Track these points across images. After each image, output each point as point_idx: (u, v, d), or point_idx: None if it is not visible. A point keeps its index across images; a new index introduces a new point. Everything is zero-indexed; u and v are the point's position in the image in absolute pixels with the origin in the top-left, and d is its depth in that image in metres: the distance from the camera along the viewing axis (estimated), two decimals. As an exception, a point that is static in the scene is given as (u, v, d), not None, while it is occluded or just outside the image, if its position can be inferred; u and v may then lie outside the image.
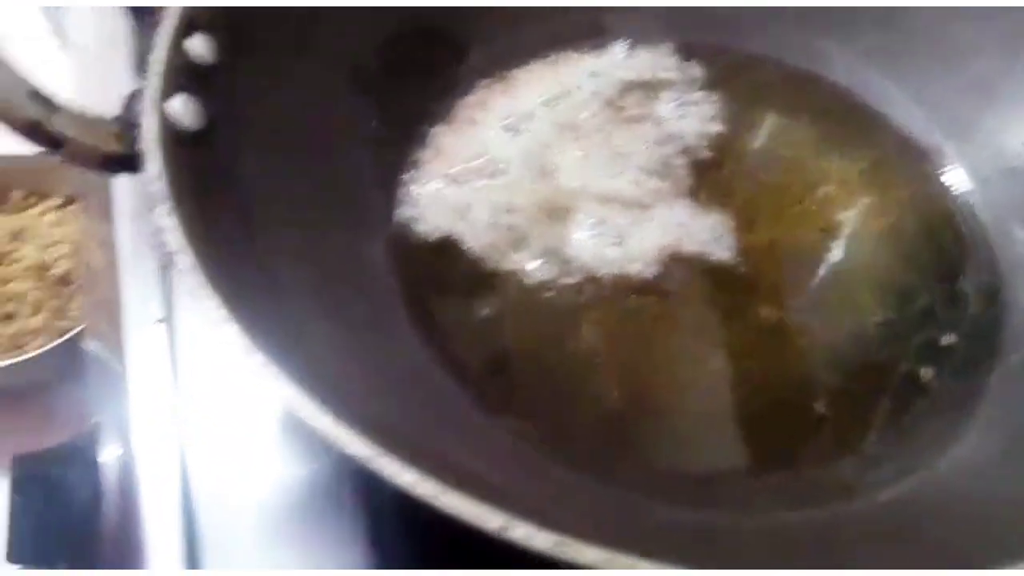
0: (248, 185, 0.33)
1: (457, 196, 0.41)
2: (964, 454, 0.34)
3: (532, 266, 0.40)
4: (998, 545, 0.23)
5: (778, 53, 0.46)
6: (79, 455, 0.44)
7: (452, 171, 0.42)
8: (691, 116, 0.44)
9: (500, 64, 0.45)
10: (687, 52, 0.46)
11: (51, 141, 0.29)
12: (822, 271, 0.40)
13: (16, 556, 0.43)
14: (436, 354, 0.36)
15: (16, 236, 0.70)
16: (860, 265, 0.40)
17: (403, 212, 0.40)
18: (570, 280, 0.39)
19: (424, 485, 0.24)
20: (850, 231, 0.41)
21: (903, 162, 0.43)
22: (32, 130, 0.29)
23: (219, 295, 0.27)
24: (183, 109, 0.31)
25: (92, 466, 0.42)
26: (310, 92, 0.37)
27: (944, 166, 0.43)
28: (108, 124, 0.31)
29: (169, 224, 0.28)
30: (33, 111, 0.29)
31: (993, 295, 0.39)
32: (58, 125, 0.29)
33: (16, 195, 0.74)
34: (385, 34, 0.41)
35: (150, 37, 0.32)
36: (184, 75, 0.32)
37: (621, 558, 0.23)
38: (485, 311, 0.39)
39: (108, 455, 0.42)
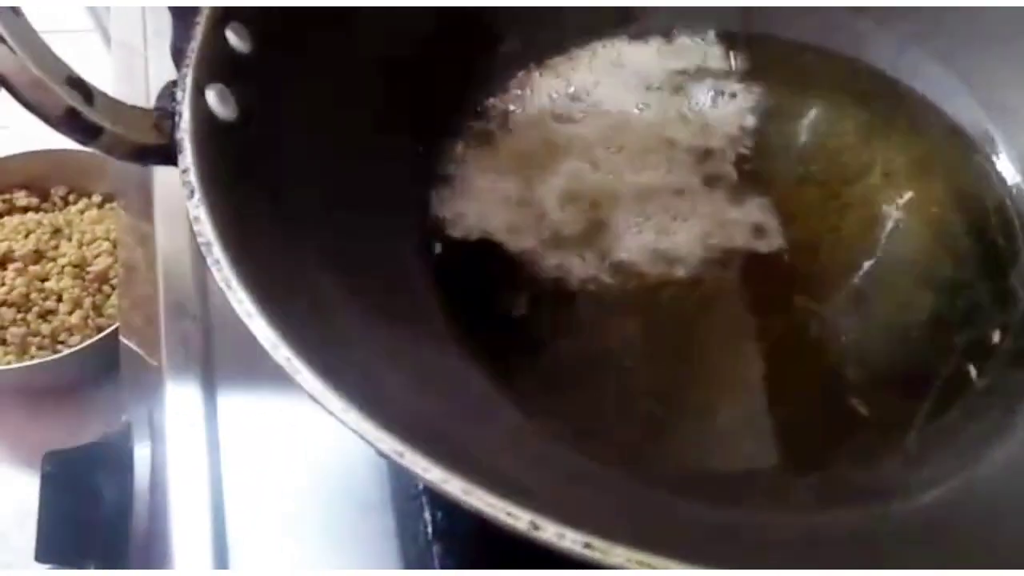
0: (282, 178, 0.33)
1: (495, 193, 0.41)
2: (1009, 454, 0.33)
3: (571, 264, 0.39)
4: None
5: (821, 40, 0.45)
6: (111, 454, 0.44)
7: (490, 167, 0.42)
8: (732, 106, 0.43)
9: (539, 54, 0.44)
10: (728, 40, 0.45)
11: (87, 130, 0.29)
12: (866, 265, 0.39)
13: (44, 555, 0.43)
14: (471, 352, 0.36)
15: (56, 233, 0.71)
16: (905, 259, 0.39)
17: (440, 209, 0.40)
18: (608, 277, 0.39)
19: (452, 483, 0.24)
20: (895, 224, 0.40)
21: (951, 152, 0.42)
22: (68, 118, 0.29)
23: (246, 288, 0.26)
24: (219, 100, 0.31)
25: (124, 465, 0.43)
26: (346, 85, 0.37)
27: (994, 156, 0.42)
28: (145, 114, 0.31)
29: (200, 215, 0.28)
30: (71, 98, 0.29)
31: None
32: (95, 114, 0.29)
33: (57, 192, 0.75)
34: (422, 26, 0.40)
35: (190, 32, 0.32)
36: (221, 65, 0.32)
37: (651, 559, 0.22)
38: (522, 309, 0.38)
39: (140, 454, 0.42)
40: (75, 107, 0.29)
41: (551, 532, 0.23)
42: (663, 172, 0.41)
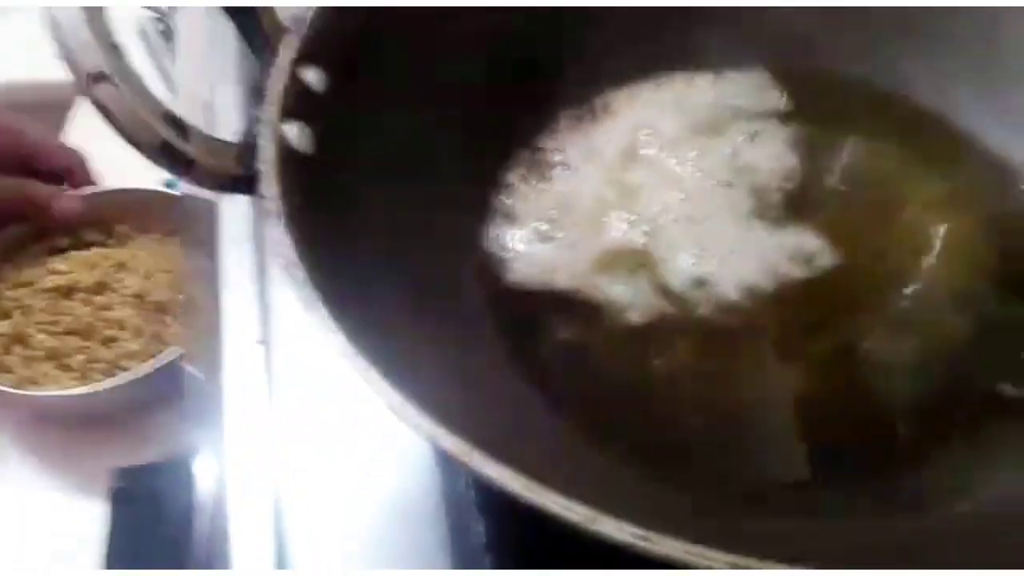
0: (352, 206, 0.36)
1: (540, 227, 0.43)
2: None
3: (619, 291, 0.41)
4: None
5: (865, 75, 0.46)
6: (175, 473, 0.46)
7: (535, 202, 0.44)
8: (777, 140, 0.45)
9: (594, 91, 0.46)
10: (775, 75, 0.47)
11: (181, 162, 0.32)
12: (906, 292, 0.40)
13: (111, 566, 0.45)
14: (526, 375, 0.38)
15: (121, 267, 0.74)
16: (944, 286, 0.40)
17: (495, 237, 0.42)
18: (655, 304, 0.40)
19: (515, 481, 0.26)
20: (934, 253, 0.41)
21: (991, 184, 0.43)
22: (163, 151, 0.31)
23: (327, 307, 0.29)
24: (297, 134, 0.34)
25: (187, 485, 0.45)
26: (413, 120, 0.39)
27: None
28: (230, 147, 0.34)
29: (283, 239, 0.30)
30: (166, 133, 0.31)
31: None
32: (188, 147, 0.32)
33: (121, 228, 0.78)
34: (484, 62, 0.43)
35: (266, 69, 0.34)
36: (297, 103, 0.34)
37: (698, 550, 0.24)
38: (570, 334, 0.40)
39: (203, 475, 0.44)
40: (170, 141, 0.32)
41: (610, 526, 0.24)
42: (714, 206, 0.43)
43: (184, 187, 0.62)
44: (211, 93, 0.55)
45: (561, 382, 0.38)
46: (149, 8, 0.81)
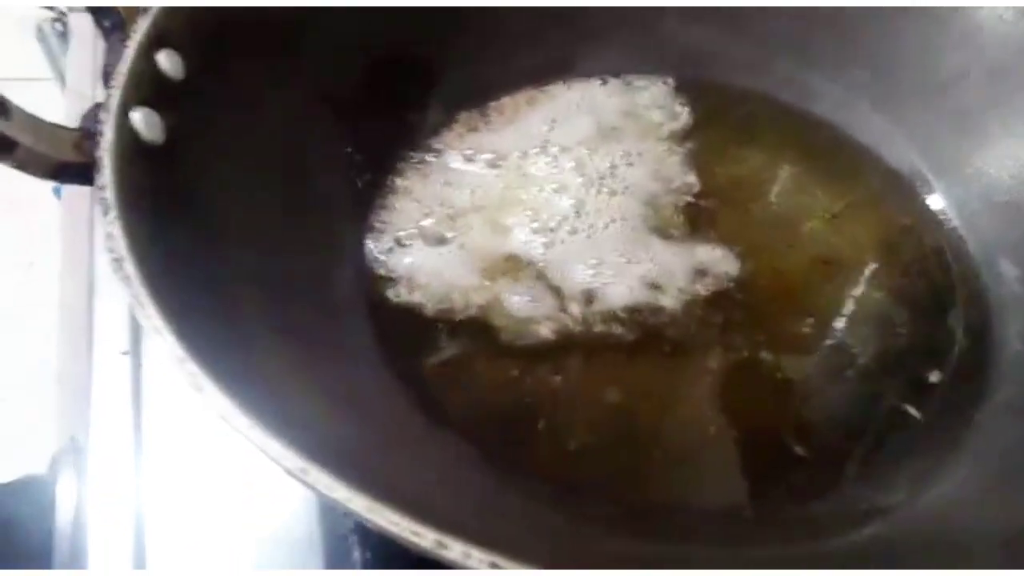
0: (210, 204, 0.33)
1: (429, 232, 0.41)
2: (945, 491, 0.32)
3: (513, 300, 0.39)
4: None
5: (768, 89, 0.46)
6: (35, 490, 0.43)
7: (424, 205, 0.42)
8: (678, 152, 0.44)
9: (475, 98, 0.45)
10: (676, 87, 0.46)
11: (1, 144, 0.28)
12: (808, 308, 0.39)
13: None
14: (397, 380, 0.35)
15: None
16: (846, 301, 0.39)
17: (375, 243, 0.40)
18: (548, 315, 0.38)
19: (356, 501, 0.23)
20: (836, 267, 0.40)
21: (892, 197, 0.43)
22: (-21, 133, 0.28)
23: (156, 304, 0.26)
24: (146, 122, 0.31)
25: (47, 501, 0.41)
26: (281, 116, 0.37)
27: (932, 201, 0.42)
28: (66, 133, 0.31)
29: (114, 231, 0.27)
30: (-17, 113, 0.28)
31: (981, 332, 0.38)
32: (11, 129, 0.29)
33: None
34: (359, 63, 0.40)
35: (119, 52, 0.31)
36: (149, 89, 0.31)
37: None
38: (455, 350, 0.38)
39: (65, 490, 0.41)
40: (-13, 123, 0.29)
41: (457, 551, 0.22)
42: (610, 217, 0.41)
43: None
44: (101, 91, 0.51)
45: (445, 401, 0.36)
46: (47, 8, 0.78)
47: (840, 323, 0.38)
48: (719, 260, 0.40)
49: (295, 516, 0.36)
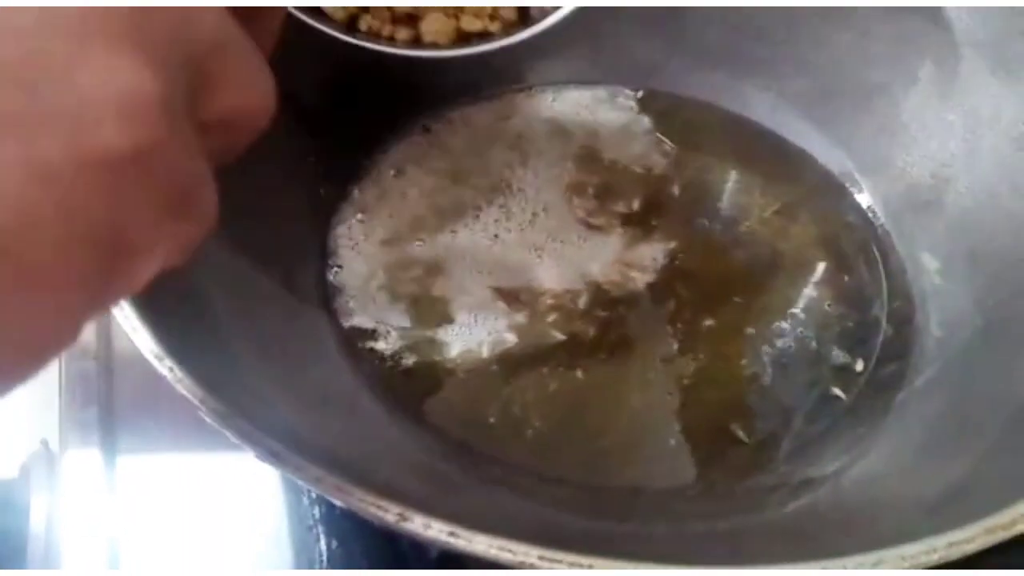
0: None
1: (388, 239, 0.42)
2: (873, 463, 0.35)
3: (457, 294, 0.41)
4: (875, 541, 0.24)
5: (709, 96, 0.48)
6: (6, 495, 0.43)
7: (384, 214, 0.43)
8: (626, 154, 0.46)
9: (435, 106, 0.47)
10: (626, 94, 0.48)
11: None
12: (746, 302, 0.41)
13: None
14: (359, 375, 0.37)
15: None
16: (782, 294, 0.42)
17: (336, 250, 0.42)
18: (498, 307, 0.40)
19: (326, 481, 0.25)
20: (772, 264, 0.43)
21: (824, 197, 0.45)
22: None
23: (132, 304, 0.27)
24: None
25: (21, 506, 0.42)
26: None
27: (861, 200, 0.45)
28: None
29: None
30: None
31: (905, 321, 0.41)
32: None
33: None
34: (321, 72, 0.42)
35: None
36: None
37: (512, 546, 0.23)
38: (416, 357, 0.39)
39: (37, 493, 0.42)
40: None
41: (418, 523, 0.24)
42: (555, 216, 0.44)
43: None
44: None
45: (406, 397, 0.38)
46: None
47: (776, 315, 0.41)
48: (662, 255, 0.42)
49: (264, 510, 0.37)
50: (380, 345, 0.39)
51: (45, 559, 0.38)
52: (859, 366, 0.39)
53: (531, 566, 0.23)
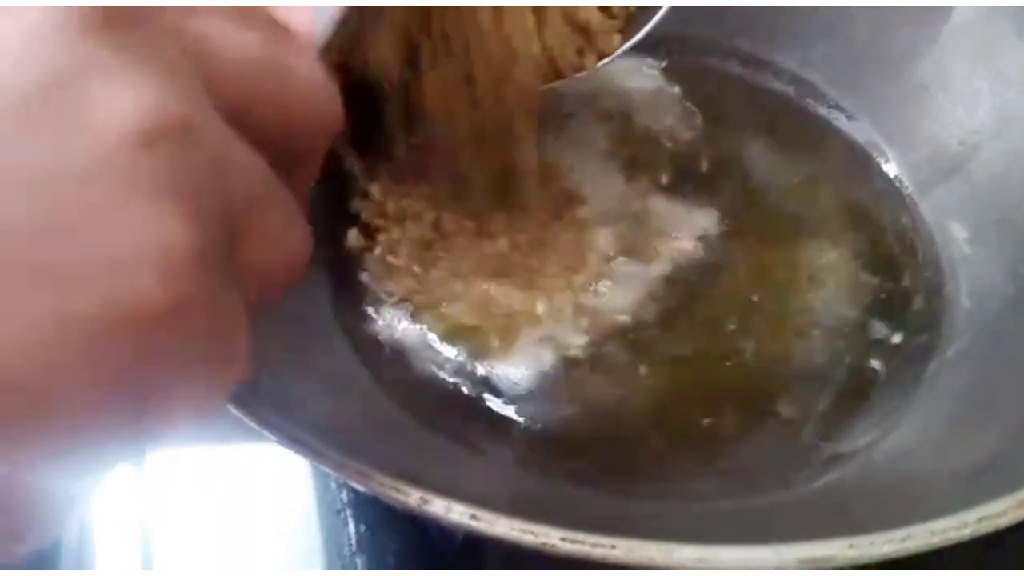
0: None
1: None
2: (897, 443, 0.34)
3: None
4: (906, 516, 0.24)
5: (731, 68, 0.48)
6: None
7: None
8: (659, 122, 0.45)
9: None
10: (653, 61, 0.47)
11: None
12: (774, 275, 0.41)
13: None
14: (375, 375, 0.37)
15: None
16: (810, 266, 0.41)
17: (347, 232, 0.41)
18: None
19: (348, 466, 0.25)
20: (800, 235, 0.42)
21: (850, 167, 0.45)
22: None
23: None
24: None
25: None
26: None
27: (888, 169, 0.44)
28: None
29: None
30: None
31: (935, 291, 0.40)
32: None
33: None
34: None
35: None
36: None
37: (533, 528, 0.23)
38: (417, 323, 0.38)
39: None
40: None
41: (439, 506, 0.24)
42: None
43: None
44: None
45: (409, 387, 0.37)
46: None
47: (805, 287, 0.40)
48: (707, 231, 0.42)
49: (292, 495, 0.38)
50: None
51: (79, 559, 0.38)
52: (895, 338, 0.39)
53: (553, 547, 0.23)
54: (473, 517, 0.24)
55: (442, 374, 0.37)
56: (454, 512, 0.24)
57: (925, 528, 0.23)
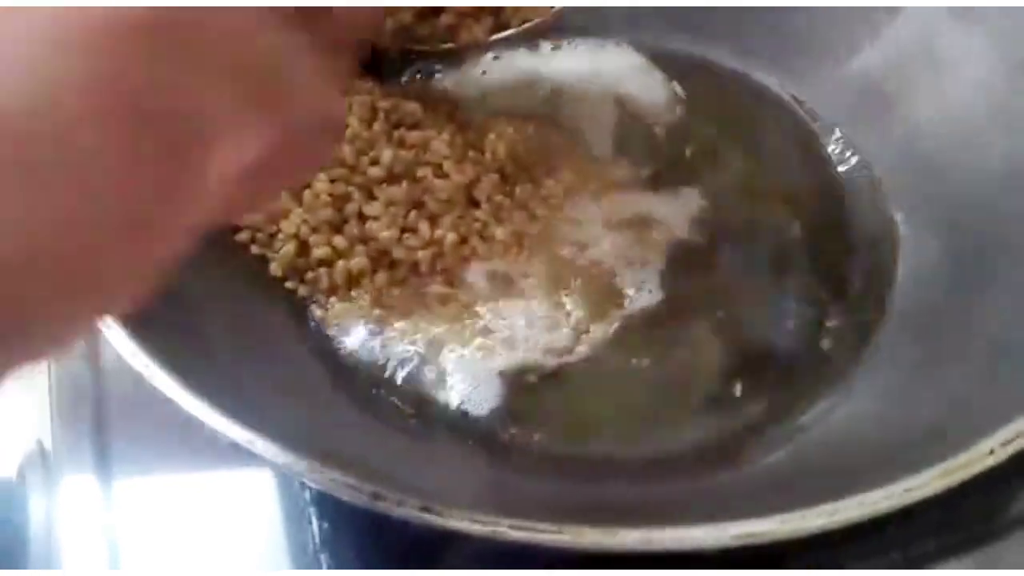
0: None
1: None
2: (843, 418, 0.36)
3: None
4: (842, 491, 0.25)
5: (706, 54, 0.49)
6: (5, 493, 0.43)
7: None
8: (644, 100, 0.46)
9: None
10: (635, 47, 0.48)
11: None
12: (731, 257, 0.42)
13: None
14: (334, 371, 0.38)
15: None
16: (758, 248, 0.42)
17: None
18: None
19: (300, 464, 0.25)
20: (758, 218, 0.43)
21: (800, 151, 0.46)
22: None
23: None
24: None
25: (19, 505, 0.42)
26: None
27: (840, 155, 0.45)
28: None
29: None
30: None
31: (877, 270, 0.41)
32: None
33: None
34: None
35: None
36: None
37: (483, 517, 0.24)
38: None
39: (35, 493, 0.42)
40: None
41: (392, 500, 0.24)
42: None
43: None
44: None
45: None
46: None
47: (751, 269, 0.42)
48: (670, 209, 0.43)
49: (257, 496, 0.38)
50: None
51: (47, 559, 0.38)
52: (839, 318, 0.40)
53: (502, 535, 0.24)
54: (424, 509, 0.24)
55: (399, 373, 0.38)
56: (406, 505, 0.24)
57: (855, 501, 0.24)
